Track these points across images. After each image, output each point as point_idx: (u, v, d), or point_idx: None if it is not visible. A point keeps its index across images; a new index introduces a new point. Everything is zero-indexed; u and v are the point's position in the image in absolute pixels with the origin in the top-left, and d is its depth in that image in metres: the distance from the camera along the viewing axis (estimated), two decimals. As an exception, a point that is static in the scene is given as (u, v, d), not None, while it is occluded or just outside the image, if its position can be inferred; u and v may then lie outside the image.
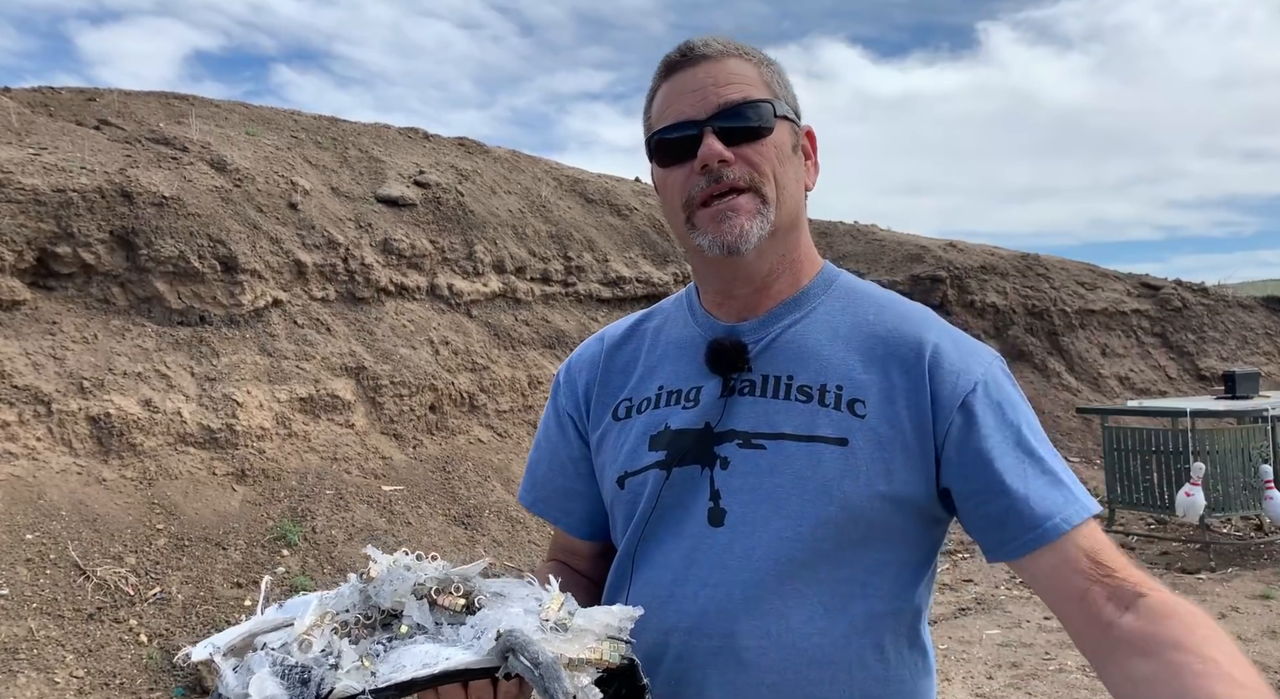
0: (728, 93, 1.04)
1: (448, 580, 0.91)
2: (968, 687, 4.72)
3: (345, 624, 0.88)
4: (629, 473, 1.10)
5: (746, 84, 1.05)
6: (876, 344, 1.07)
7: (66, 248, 5.93)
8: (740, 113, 1.03)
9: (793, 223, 1.08)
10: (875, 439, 1.01)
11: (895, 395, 1.03)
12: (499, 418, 7.62)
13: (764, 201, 1.04)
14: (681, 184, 1.06)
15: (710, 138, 1.02)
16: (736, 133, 1.03)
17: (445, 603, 0.89)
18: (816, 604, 1.00)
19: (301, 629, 0.85)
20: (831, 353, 1.07)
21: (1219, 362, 13.31)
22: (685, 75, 1.06)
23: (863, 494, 1.00)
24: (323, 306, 7.12)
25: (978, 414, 1.01)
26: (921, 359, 1.04)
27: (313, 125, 8.92)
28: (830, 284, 1.14)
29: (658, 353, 1.17)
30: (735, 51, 1.07)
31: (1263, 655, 5.03)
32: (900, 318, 1.10)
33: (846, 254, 12.51)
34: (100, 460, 5.47)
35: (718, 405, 1.07)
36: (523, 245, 8.80)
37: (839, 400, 1.03)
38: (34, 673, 4.21)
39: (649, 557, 1.07)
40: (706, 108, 1.03)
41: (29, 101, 7.38)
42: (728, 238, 1.03)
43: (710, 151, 1.02)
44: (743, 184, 1.03)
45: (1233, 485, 7.16)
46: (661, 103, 1.08)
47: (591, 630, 0.86)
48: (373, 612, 0.89)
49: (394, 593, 0.89)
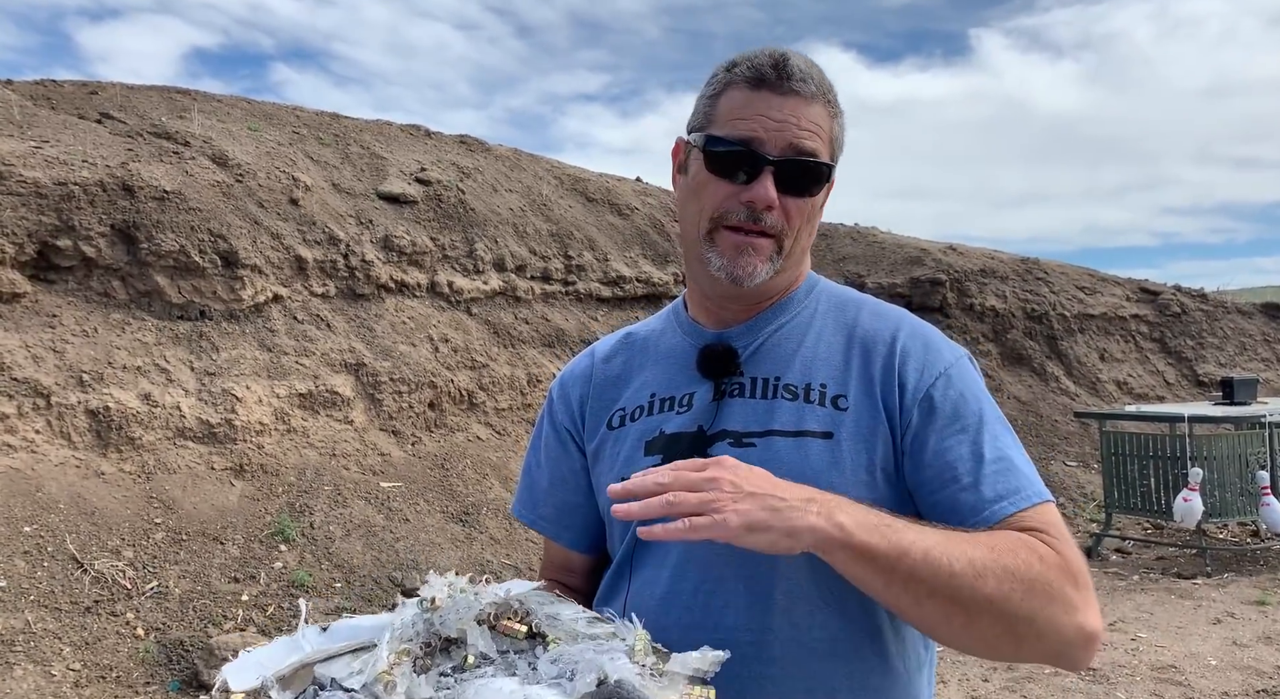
0: (803, 141, 1.06)
1: (507, 605, 0.89)
2: (963, 689, 4.73)
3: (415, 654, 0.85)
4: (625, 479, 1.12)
5: (820, 139, 1.08)
6: (854, 342, 1.11)
7: (67, 241, 5.93)
8: (803, 167, 1.06)
9: (794, 264, 1.14)
10: (857, 432, 1.05)
11: (873, 388, 1.07)
12: (498, 416, 7.62)
13: (780, 251, 1.09)
14: (719, 198, 1.08)
15: (769, 180, 1.05)
16: (791, 183, 1.06)
17: (506, 630, 0.88)
18: (814, 597, 1.02)
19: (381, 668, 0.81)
20: (815, 353, 1.11)
21: (1217, 367, 13.33)
22: (773, 98, 1.06)
23: (849, 484, 1.03)
24: (323, 303, 7.12)
25: (937, 405, 1.05)
26: (893, 354, 1.09)
27: (314, 121, 8.92)
28: (811, 290, 1.19)
29: (649, 363, 1.20)
30: (823, 96, 1.08)
31: (1257, 660, 5.04)
32: (875, 316, 1.15)
33: (847, 256, 12.51)
34: (99, 454, 5.47)
35: (710, 408, 1.10)
36: (523, 243, 8.81)
37: (824, 397, 1.08)
38: (31, 665, 4.21)
39: (647, 558, 1.09)
40: (779, 145, 1.05)
41: (31, 94, 7.38)
42: (738, 272, 1.08)
43: (764, 196, 1.05)
44: (772, 232, 1.08)
45: (1230, 491, 7.17)
46: (735, 108, 1.08)
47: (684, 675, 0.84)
48: (433, 639, 0.87)
49: (458, 620, 0.87)
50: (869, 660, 1.03)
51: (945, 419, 1.04)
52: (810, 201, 1.09)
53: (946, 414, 1.04)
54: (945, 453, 1.02)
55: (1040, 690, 4.67)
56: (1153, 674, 4.88)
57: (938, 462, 1.02)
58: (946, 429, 1.04)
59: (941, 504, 1.01)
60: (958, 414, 1.04)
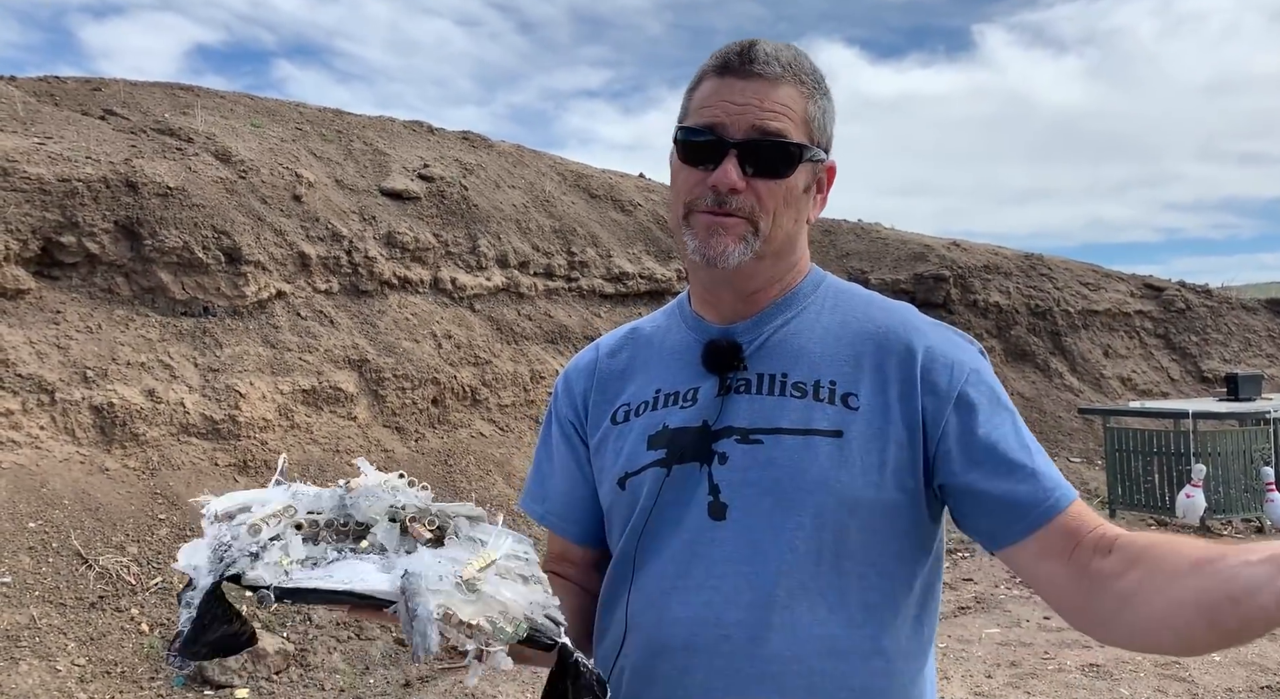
0: (766, 121, 1.05)
1: (425, 511, 0.93)
2: (966, 685, 4.73)
3: (316, 524, 0.90)
4: (629, 473, 1.12)
5: (788, 118, 1.06)
6: (865, 341, 1.10)
7: (71, 237, 5.94)
8: (768, 147, 1.05)
9: (781, 252, 1.12)
10: (869, 431, 1.04)
11: (888, 389, 1.06)
12: (501, 412, 7.63)
13: (755, 232, 1.07)
14: (690, 185, 1.08)
15: (730, 163, 1.04)
16: (757, 165, 1.05)
17: (415, 532, 0.91)
18: (817, 595, 1.02)
19: (259, 515, 0.88)
20: (822, 350, 1.10)
21: (1221, 363, 13.30)
22: (736, 83, 1.06)
23: (858, 484, 1.02)
24: (326, 299, 7.13)
25: (974, 402, 1.05)
26: (912, 354, 1.07)
27: (317, 118, 8.92)
28: (818, 286, 1.17)
29: (654, 358, 1.19)
30: (793, 77, 1.07)
31: (1261, 657, 5.04)
32: (886, 313, 1.14)
33: (850, 252, 12.50)
34: (103, 450, 5.48)
35: (715, 404, 1.09)
36: (526, 240, 8.81)
37: (833, 395, 1.06)
38: (36, 661, 4.22)
39: (651, 553, 1.09)
40: (740, 127, 1.04)
41: (34, 91, 7.39)
42: (709, 252, 1.06)
43: (724, 179, 1.04)
44: (742, 214, 1.06)
45: (1234, 487, 7.16)
46: (702, 97, 1.08)
47: (499, 600, 0.86)
48: (349, 521, 0.92)
49: (369, 509, 0.91)
50: (870, 660, 1.03)
51: (986, 413, 1.04)
52: (784, 183, 1.06)
53: (986, 409, 1.05)
54: (995, 446, 1.03)
55: (1044, 686, 4.67)
56: (1156, 669, 4.87)
57: (990, 457, 1.02)
58: (989, 423, 1.04)
59: (993, 494, 1.02)
60: (995, 407, 1.05)
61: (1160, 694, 4.59)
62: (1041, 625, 5.66)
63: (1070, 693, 4.60)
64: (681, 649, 1.03)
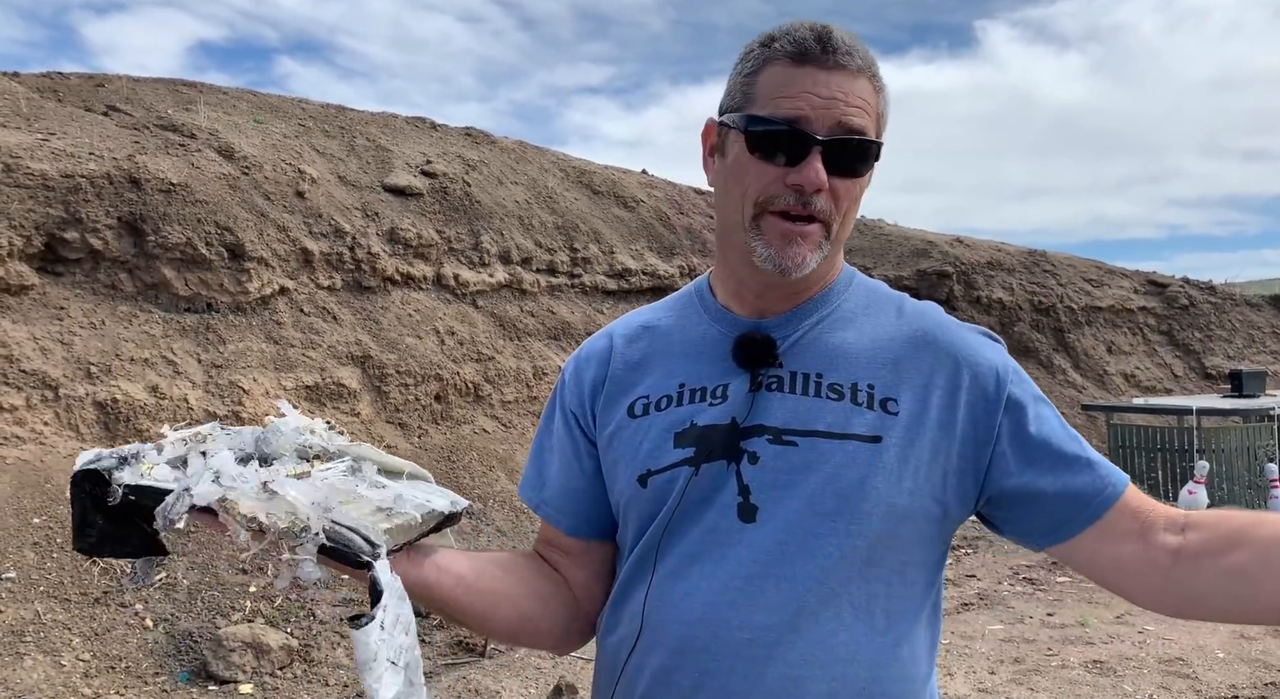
0: (852, 118, 1.01)
1: (329, 453, 1.02)
2: (970, 681, 4.73)
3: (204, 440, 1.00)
4: (653, 471, 1.08)
5: (869, 116, 1.03)
6: (903, 344, 1.08)
7: (74, 233, 5.94)
8: (853, 146, 1.02)
9: (836, 251, 1.10)
10: (908, 438, 1.02)
11: (928, 394, 1.04)
12: (504, 408, 7.63)
13: (828, 235, 1.04)
14: (764, 182, 1.03)
15: (817, 161, 1.00)
16: (839, 164, 1.01)
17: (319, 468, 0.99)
18: (846, 602, 1.01)
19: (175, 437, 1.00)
20: (859, 352, 1.07)
21: (1225, 360, 13.28)
22: (818, 73, 1.01)
23: (894, 492, 1.00)
24: (329, 295, 7.13)
25: (1021, 400, 1.05)
26: (957, 362, 1.06)
27: (320, 114, 8.91)
28: (850, 282, 1.14)
29: (675, 350, 1.15)
30: (869, 71, 1.04)
31: (1265, 654, 5.03)
32: (920, 316, 1.12)
33: (853, 248, 12.49)
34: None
35: (745, 401, 1.06)
36: (529, 236, 8.80)
37: (871, 399, 1.04)
38: (40, 656, 4.23)
39: (673, 550, 1.06)
40: (827, 124, 1.00)
41: (38, 87, 7.39)
42: (787, 262, 1.03)
43: (814, 179, 1.00)
44: (822, 216, 1.03)
45: (1238, 484, 7.16)
46: (778, 85, 1.02)
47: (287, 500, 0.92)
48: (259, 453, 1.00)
49: (279, 444, 1.01)
50: (889, 668, 1.02)
51: (1033, 410, 1.05)
52: (859, 182, 1.04)
53: (1031, 406, 1.05)
54: (1048, 441, 1.03)
55: (1046, 683, 4.66)
56: (1160, 667, 4.87)
57: (1047, 453, 1.03)
58: (1037, 419, 1.04)
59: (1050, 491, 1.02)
60: (1038, 403, 1.06)
61: (1164, 691, 4.59)
62: (1045, 622, 5.66)
63: (1074, 689, 4.60)
64: (703, 651, 1.02)
